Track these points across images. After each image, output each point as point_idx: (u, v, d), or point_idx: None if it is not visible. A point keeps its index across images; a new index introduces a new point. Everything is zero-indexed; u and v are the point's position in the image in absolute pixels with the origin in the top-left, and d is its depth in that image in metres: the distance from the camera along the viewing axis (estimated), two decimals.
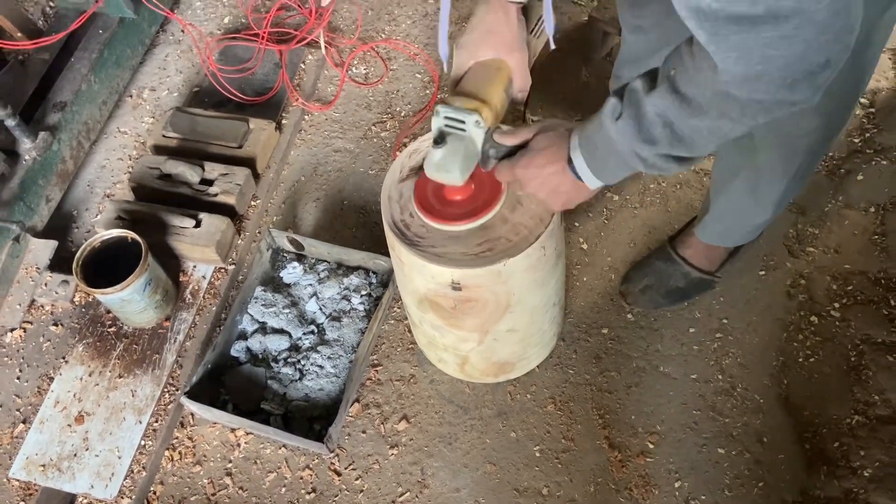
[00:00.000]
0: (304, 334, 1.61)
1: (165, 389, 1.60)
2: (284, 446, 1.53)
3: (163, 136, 1.88)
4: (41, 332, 1.70)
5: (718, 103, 0.82)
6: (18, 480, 1.52)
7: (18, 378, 1.65)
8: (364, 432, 1.53)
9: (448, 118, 1.09)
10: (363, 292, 1.64)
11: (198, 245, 1.68)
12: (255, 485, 1.50)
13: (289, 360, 1.57)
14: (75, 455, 1.53)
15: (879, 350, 1.51)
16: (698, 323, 1.59)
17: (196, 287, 1.72)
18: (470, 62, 1.14)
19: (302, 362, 1.57)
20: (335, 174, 1.90)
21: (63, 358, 1.65)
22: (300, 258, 1.72)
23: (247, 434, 1.54)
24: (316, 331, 1.61)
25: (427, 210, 1.20)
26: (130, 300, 1.54)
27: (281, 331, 1.61)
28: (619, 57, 1.61)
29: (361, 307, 1.63)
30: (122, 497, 1.49)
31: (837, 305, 1.58)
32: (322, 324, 1.62)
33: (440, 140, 1.09)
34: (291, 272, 1.69)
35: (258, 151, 1.83)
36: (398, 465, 1.49)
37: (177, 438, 1.56)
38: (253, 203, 1.84)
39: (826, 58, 0.74)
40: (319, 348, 1.58)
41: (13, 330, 1.70)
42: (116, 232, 1.57)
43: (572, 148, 1.03)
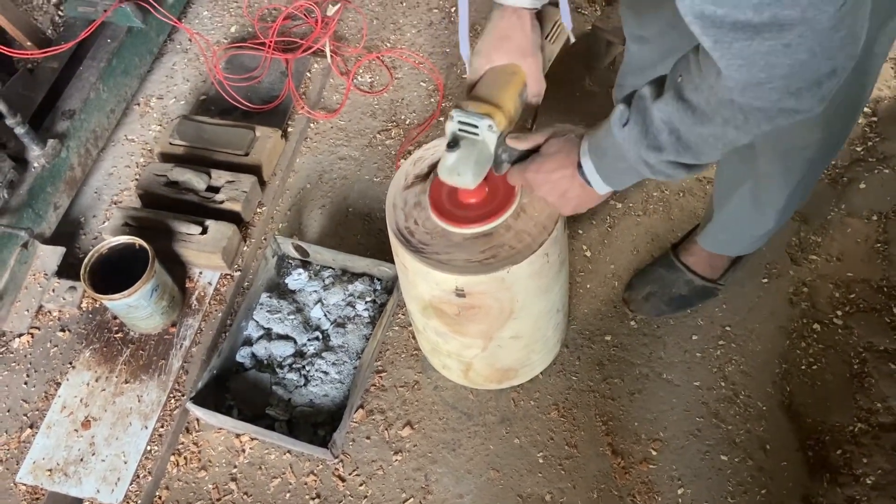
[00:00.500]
0: (309, 340, 1.62)
1: (171, 395, 1.61)
2: (289, 452, 1.54)
3: (170, 144, 1.90)
4: (48, 338, 1.71)
5: (723, 111, 0.83)
6: (25, 485, 1.53)
7: (26, 383, 1.66)
8: (368, 438, 1.54)
9: (462, 122, 1.10)
10: (367, 299, 1.65)
11: (204, 252, 1.69)
12: (260, 490, 1.51)
13: (294, 366, 1.58)
14: (82, 460, 1.54)
15: (882, 358, 1.51)
16: (701, 330, 1.60)
17: (202, 293, 1.73)
18: (485, 67, 1.15)
19: (307, 368, 1.58)
20: (340, 181, 1.91)
21: (70, 363, 1.67)
22: (305, 265, 1.74)
23: (251, 439, 1.55)
24: (321, 337, 1.63)
25: (441, 213, 1.21)
26: (137, 306, 1.56)
27: (286, 337, 1.62)
28: (623, 66, 1.63)
29: (366, 313, 1.64)
30: (128, 502, 1.50)
31: (840, 313, 1.58)
32: (327, 330, 1.63)
33: (454, 144, 1.10)
34: (296, 279, 1.71)
35: (264, 159, 1.85)
36: (402, 471, 1.50)
37: (182, 444, 1.57)
38: (259, 210, 1.86)
39: (832, 67, 0.74)
40: (324, 354, 1.59)
41: (21, 335, 1.71)
42: (124, 238, 1.59)
43: (582, 153, 1.03)
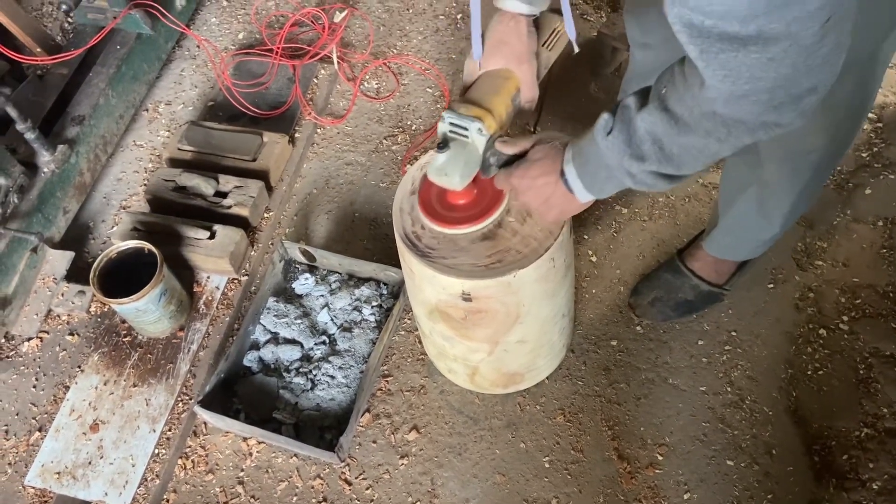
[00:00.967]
0: (316, 345, 1.63)
1: (179, 398, 1.62)
2: (296, 455, 1.54)
3: (178, 149, 1.91)
4: (57, 342, 1.73)
5: (705, 122, 0.83)
6: (34, 488, 1.54)
7: (35, 387, 1.67)
8: (374, 442, 1.55)
9: (452, 124, 1.11)
10: (374, 303, 1.66)
11: (212, 256, 1.71)
12: (267, 493, 1.51)
13: (300, 370, 1.59)
14: (90, 463, 1.55)
15: (888, 363, 1.51)
16: (707, 335, 1.60)
17: (210, 297, 1.74)
18: (479, 71, 1.17)
19: (313, 372, 1.59)
20: (347, 187, 1.92)
21: (79, 367, 1.68)
22: (312, 269, 1.75)
23: (259, 443, 1.56)
24: (327, 341, 1.63)
25: (429, 213, 1.22)
26: (145, 310, 1.57)
27: (293, 341, 1.63)
28: (628, 72, 1.64)
29: (372, 318, 1.65)
30: None
31: (846, 318, 1.58)
32: (333, 334, 1.64)
33: (443, 145, 1.11)
34: (303, 283, 1.72)
35: (271, 164, 1.86)
36: (408, 475, 1.50)
37: (190, 447, 1.57)
38: (266, 215, 1.87)
39: (813, 83, 0.75)
40: (331, 359, 1.60)
41: (30, 339, 1.72)
42: (132, 243, 1.60)
43: (565, 161, 1.04)
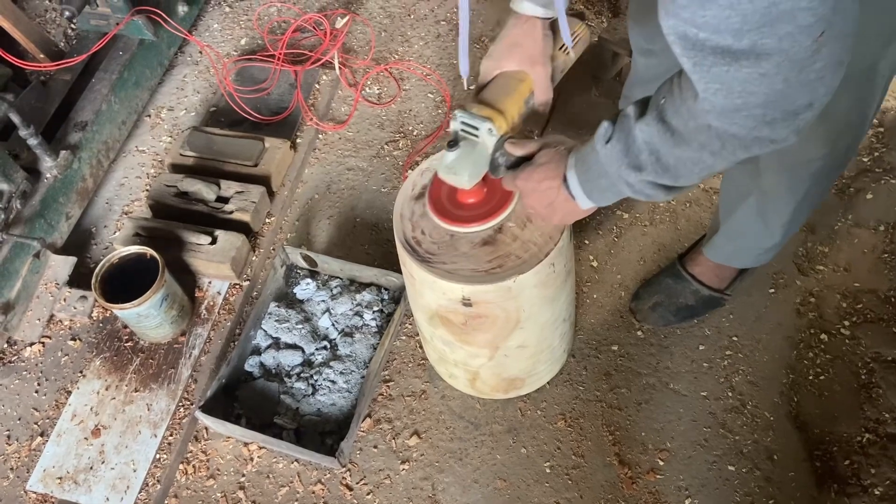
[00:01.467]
0: (317, 350, 1.63)
1: (180, 403, 1.62)
2: (297, 461, 1.54)
3: (180, 155, 1.92)
4: (59, 347, 1.73)
5: (700, 136, 0.83)
6: (36, 493, 1.54)
7: (37, 391, 1.68)
8: (375, 447, 1.55)
9: (464, 123, 1.12)
10: (375, 308, 1.66)
11: (213, 261, 1.71)
12: (268, 499, 1.51)
13: (302, 376, 1.59)
14: (91, 468, 1.55)
15: (890, 368, 1.51)
16: (708, 340, 1.60)
17: (211, 303, 1.75)
18: (495, 71, 1.17)
19: (314, 377, 1.59)
20: (348, 192, 1.93)
21: (81, 372, 1.68)
22: (313, 274, 1.75)
23: (260, 448, 1.56)
24: (328, 346, 1.64)
25: (439, 211, 1.23)
26: (147, 315, 1.57)
27: (294, 346, 1.63)
28: (630, 78, 1.64)
29: (373, 323, 1.65)
30: None
31: (847, 323, 1.58)
32: (335, 339, 1.64)
33: (454, 143, 1.12)
34: (305, 288, 1.72)
35: (273, 170, 1.87)
36: (409, 481, 1.50)
37: (191, 452, 1.58)
38: (267, 220, 1.87)
39: (808, 100, 0.75)
40: (332, 364, 1.60)
41: (32, 344, 1.73)
42: (134, 248, 1.61)
43: (568, 167, 1.04)
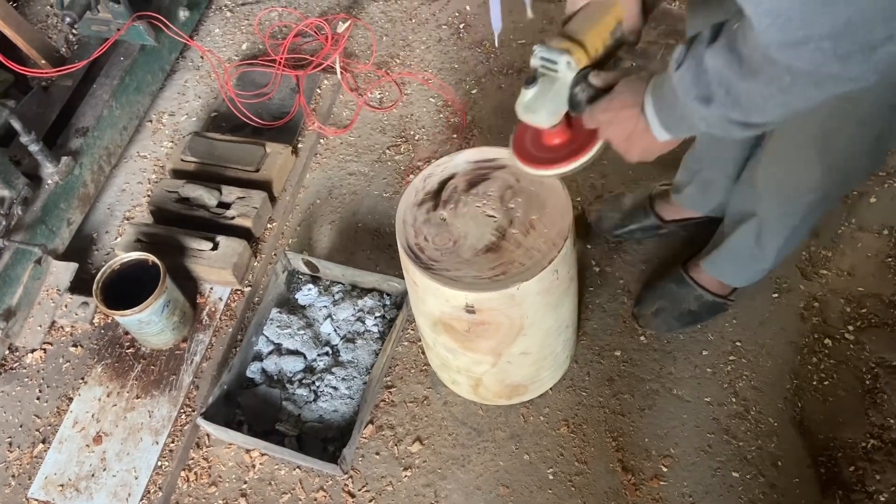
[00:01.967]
0: (319, 356, 1.62)
1: (182, 410, 1.62)
2: (299, 467, 1.54)
3: (181, 160, 1.92)
4: (61, 353, 1.73)
5: (768, 68, 0.75)
6: (37, 500, 1.54)
7: (38, 398, 1.67)
8: (378, 454, 1.54)
9: (543, 58, 1.05)
10: (377, 314, 1.66)
11: (215, 267, 1.71)
12: None
13: (303, 382, 1.59)
14: (93, 475, 1.55)
15: (894, 373, 1.50)
16: (711, 345, 1.59)
17: (213, 309, 1.74)
18: (582, 0, 1.08)
19: (316, 384, 1.58)
20: (350, 197, 1.92)
21: (82, 379, 1.68)
22: (315, 280, 1.74)
23: (262, 455, 1.56)
24: (330, 352, 1.63)
25: (523, 156, 1.16)
26: (149, 322, 1.57)
27: (296, 352, 1.63)
28: None
29: (375, 329, 1.65)
30: None
31: (851, 328, 1.57)
32: (336, 345, 1.64)
33: (531, 80, 1.06)
34: (306, 294, 1.71)
35: (274, 175, 1.86)
36: (411, 487, 1.50)
37: (193, 459, 1.57)
38: (269, 226, 1.87)
39: (889, 31, 0.66)
40: (334, 370, 1.59)
41: (34, 351, 1.73)
42: (136, 255, 1.60)
43: (647, 92, 0.96)
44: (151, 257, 1.59)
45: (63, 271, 1.76)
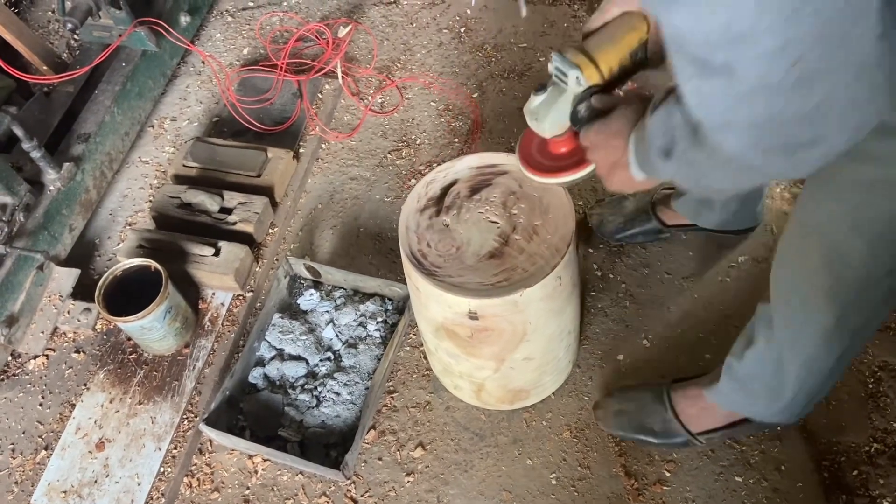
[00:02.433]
0: (321, 361, 1.62)
1: (184, 416, 1.61)
2: (301, 473, 1.54)
3: (183, 166, 1.92)
4: (63, 359, 1.73)
5: (709, 140, 0.73)
6: None
7: (41, 405, 1.67)
8: (380, 459, 1.54)
9: (557, 67, 1.04)
10: (379, 319, 1.66)
11: (217, 273, 1.71)
12: None
13: (306, 387, 1.59)
14: (96, 481, 1.54)
15: None
16: (714, 348, 1.59)
17: (215, 314, 1.74)
18: (614, 10, 1.04)
19: (319, 389, 1.58)
20: (351, 202, 1.93)
21: (84, 385, 1.68)
22: (317, 285, 1.74)
23: (264, 461, 1.56)
24: (332, 357, 1.63)
25: (528, 162, 1.17)
26: (151, 328, 1.57)
27: (298, 357, 1.63)
28: None
29: (377, 334, 1.65)
30: None
31: None
32: (338, 350, 1.64)
33: (541, 87, 1.06)
34: (308, 299, 1.71)
35: (276, 180, 1.87)
36: (414, 493, 1.50)
37: (195, 465, 1.57)
38: (271, 231, 1.87)
39: (811, 136, 0.64)
40: (336, 375, 1.59)
41: (36, 357, 1.73)
42: (138, 261, 1.61)
43: (637, 126, 0.92)
44: (153, 263, 1.59)
45: (65, 277, 1.76)
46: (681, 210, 1.63)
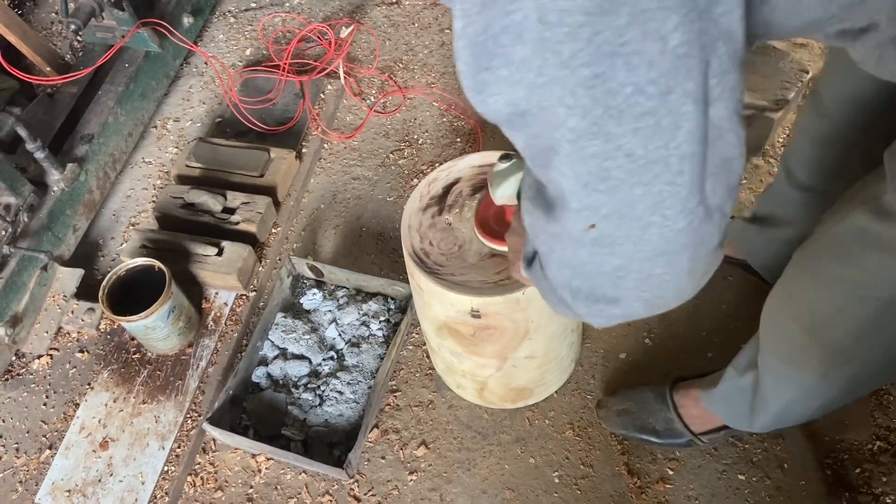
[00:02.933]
0: (324, 360, 1.63)
1: (188, 415, 1.62)
2: (304, 472, 1.54)
3: (186, 166, 1.93)
4: (67, 359, 1.73)
5: None
6: None
7: (45, 404, 1.68)
8: (383, 458, 1.54)
9: None
10: (382, 318, 1.66)
11: (220, 272, 1.71)
12: None
13: (309, 386, 1.59)
14: (100, 481, 1.55)
15: None
16: (717, 347, 1.59)
17: (218, 314, 1.75)
18: None
19: (322, 388, 1.59)
20: (354, 201, 1.93)
21: (88, 384, 1.68)
22: (320, 284, 1.75)
23: (267, 459, 1.56)
24: (335, 357, 1.63)
25: (482, 226, 1.22)
26: (154, 327, 1.57)
27: (301, 357, 1.63)
28: (793, 140, 1.34)
29: (380, 333, 1.65)
30: None
31: None
32: (341, 350, 1.64)
33: (506, 156, 1.08)
34: (311, 298, 1.72)
35: (279, 180, 1.87)
36: (417, 491, 1.50)
37: (199, 464, 1.58)
38: (274, 231, 1.87)
39: (613, 295, 0.65)
40: (339, 374, 1.60)
41: (40, 357, 1.73)
42: (141, 261, 1.61)
43: None
44: (157, 263, 1.59)
45: (69, 277, 1.77)
46: None
